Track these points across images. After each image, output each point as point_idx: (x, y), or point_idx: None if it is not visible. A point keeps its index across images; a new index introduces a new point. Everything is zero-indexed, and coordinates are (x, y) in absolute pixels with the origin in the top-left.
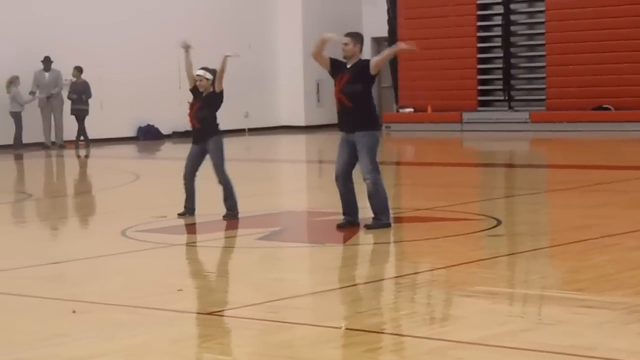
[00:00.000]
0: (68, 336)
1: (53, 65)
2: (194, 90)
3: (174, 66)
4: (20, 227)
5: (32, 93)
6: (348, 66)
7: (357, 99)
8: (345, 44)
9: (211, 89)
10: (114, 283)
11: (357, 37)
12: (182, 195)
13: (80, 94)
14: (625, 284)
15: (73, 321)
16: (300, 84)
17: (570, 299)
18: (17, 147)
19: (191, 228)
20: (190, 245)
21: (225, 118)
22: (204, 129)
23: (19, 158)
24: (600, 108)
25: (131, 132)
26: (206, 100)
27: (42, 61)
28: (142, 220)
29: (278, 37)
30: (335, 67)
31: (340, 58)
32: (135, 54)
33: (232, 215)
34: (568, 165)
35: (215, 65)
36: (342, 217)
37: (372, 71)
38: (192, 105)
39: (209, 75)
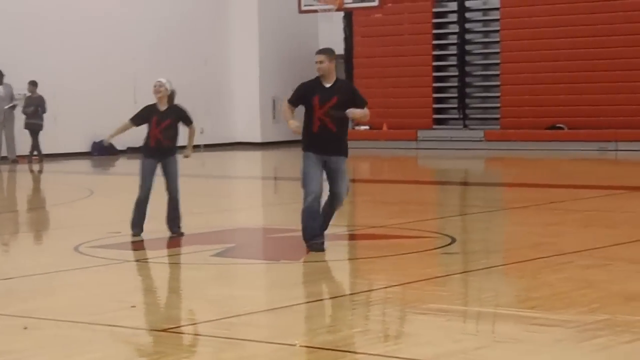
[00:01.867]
0: (19, 353)
1: (5, 80)
2: (149, 108)
3: (129, 82)
4: None
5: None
6: (327, 85)
7: (343, 125)
8: (320, 62)
9: (167, 104)
10: (66, 299)
11: (330, 53)
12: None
13: (36, 108)
14: (578, 302)
15: (24, 338)
16: (256, 101)
17: (523, 317)
18: None
19: (145, 244)
20: (144, 261)
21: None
22: (170, 147)
23: None
24: (553, 127)
25: (85, 147)
26: (174, 119)
27: None
28: (96, 236)
29: (234, 53)
30: (308, 91)
31: (308, 77)
32: (90, 69)
33: (180, 233)
34: (522, 183)
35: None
36: (309, 239)
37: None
38: (157, 122)
39: (169, 85)
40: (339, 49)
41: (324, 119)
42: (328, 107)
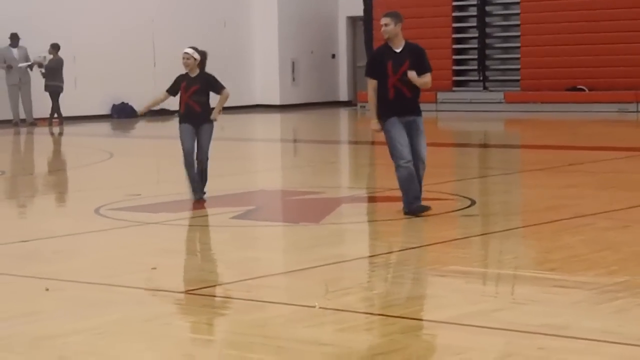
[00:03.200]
0: (40, 314)
1: (22, 42)
2: (180, 77)
3: (148, 44)
4: None
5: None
6: (397, 50)
7: (416, 87)
8: (386, 25)
9: (198, 71)
10: (87, 261)
11: (396, 16)
12: (156, 174)
13: (56, 71)
14: (597, 264)
15: (46, 299)
16: (276, 63)
17: (543, 279)
18: None
19: (165, 206)
20: (165, 223)
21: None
22: (201, 113)
23: None
24: (574, 89)
25: (105, 110)
26: (204, 84)
27: (10, 37)
28: (116, 198)
29: (253, 16)
30: (379, 59)
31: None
32: (110, 32)
33: (203, 198)
34: (542, 145)
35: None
36: (409, 203)
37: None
38: (186, 88)
39: (197, 55)
40: (358, 11)
41: (398, 85)
42: (401, 72)
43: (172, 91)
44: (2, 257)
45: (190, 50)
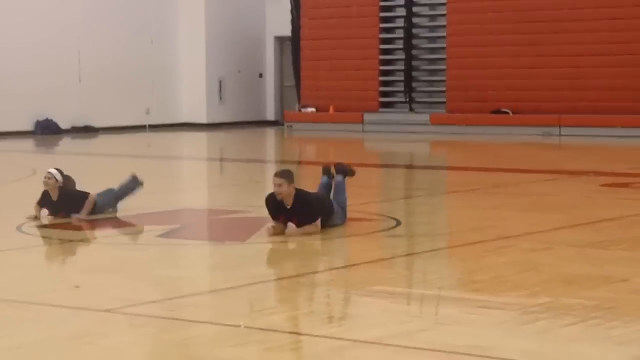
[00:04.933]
0: None
1: None
2: (44, 196)
3: (73, 59)
4: None
5: None
6: (288, 207)
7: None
8: (279, 185)
9: (57, 193)
10: (8, 278)
11: (289, 177)
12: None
13: None
14: (520, 286)
15: None
16: (203, 81)
17: (467, 300)
18: None
19: (89, 224)
20: (88, 241)
21: (126, 114)
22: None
23: None
24: (498, 111)
25: (29, 126)
26: (65, 208)
27: None
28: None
29: (180, 34)
30: (273, 209)
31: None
32: (33, 48)
33: None
34: (467, 167)
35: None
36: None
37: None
38: (51, 211)
39: (59, 177)
40: (286, 31)
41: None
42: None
43: (42, 203)
44: None
45: (53, 171)
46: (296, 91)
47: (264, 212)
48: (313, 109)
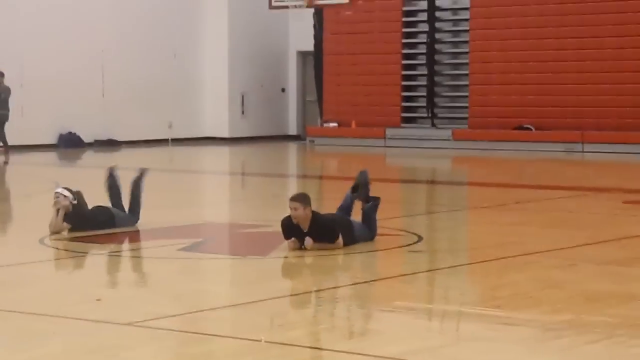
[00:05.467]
0: None
1: None
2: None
3: (97, 74)
4: None
5: None
6: (305, 230)
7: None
8: (295, 209)
9: (71, 210)
10: (31, 291)
11: (304, 200)
12: (102, 204)
13: (2, 99)
14: (542, 302)
15: None
16: (225, 96)
17: (488, 316)
18: None
19: (111, 238)
20: (110, 254)
21: (148, 128)
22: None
23: None
24: (521, 127)
25: (52, 140)
26: (75, 223)
27: None
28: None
29: (204, 48)
30: (289, 232)
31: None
32: (58, 61)
33: None
34: (489, 183)
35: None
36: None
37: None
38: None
39: (67, 193)
40: (309, 46)
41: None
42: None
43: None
44: None
45: (60, 190)
46: (318, 106)
47: None
48: (335, 124)
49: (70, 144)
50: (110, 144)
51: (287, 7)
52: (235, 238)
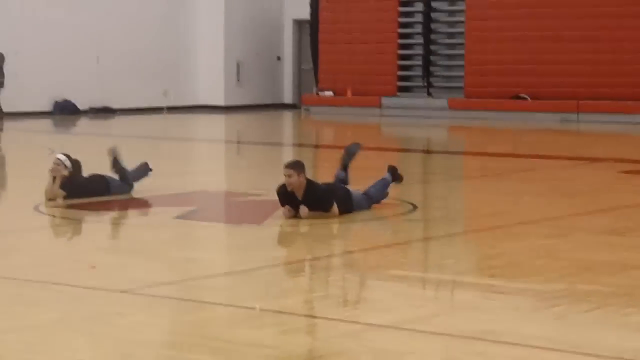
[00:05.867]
0: None
1: None
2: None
3: (92, 41)
4: None
5: None
6: (300, 198)
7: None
8: (289, 176)
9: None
10: (25, 258)
11: (299, 167)
12: (98, 171)
13: None
14: (536, 272)
15: None
16: (221, 64)
17: (482, 285)
18: None
19: (106, 205)
20: (105, 222)
21: (143, 96)
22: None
23: None
24: (517, 97)
25: (47, 107)
26: (70, 192)
27: None
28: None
29: (199, 16)
30: (284, 200)
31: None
32: (52, 28)
33: None
34: (484, 152)
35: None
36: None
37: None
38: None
39: (68, 163)
40: (305, 14)
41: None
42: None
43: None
44: None
45: (62, 157)
46: (314, 75)
47: None
48: (331, 93)
49: (65, 111)
50: (105, 112)
51: None
52: (230, 206)
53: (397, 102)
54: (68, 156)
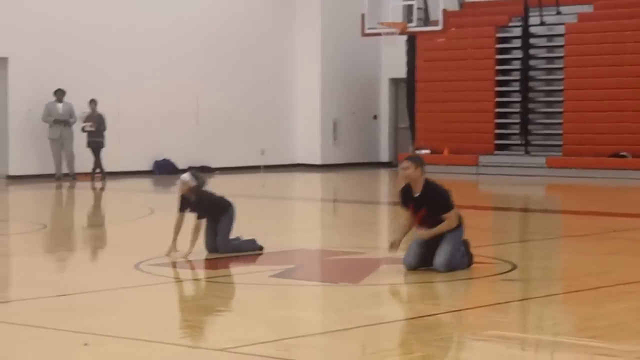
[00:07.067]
0: None
1: (66, 98)
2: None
3: (191, 101)
4: (31, 258)
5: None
6: (416, 195)
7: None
8: (405, 168)
9: (194, 197)
10: (126, 316)
11: (418, 161)
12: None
13: (97, 126)
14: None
15: (84, 354)
16: (317, 123)
17: (584, 346)
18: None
19: (205, 263)
20: (204, 280)
21: (241, 154)
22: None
23: (32, 189)
24: (617, 155)
25: (147, 166)
26: (201, 212)
27: (55, 93)
28: (156, 254)
29: (296, 75)
30: (404, 198)
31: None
32: (153, 89)
33: None
34: (583, 211)
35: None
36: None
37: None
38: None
39: (192, 183)
40: (401, 73)
41: (421, 226)
42: (420, 217)
43: (182, 209)
44: (40, 310)
45: (186, 177)
46: (410, 133)
47: (378, 253)
48: (427, 151)
49: (164, 171)
50: (203, 170)
51: (379, 34)
52: (327, 265)
53: (494, 160)
54: (194, 174)
